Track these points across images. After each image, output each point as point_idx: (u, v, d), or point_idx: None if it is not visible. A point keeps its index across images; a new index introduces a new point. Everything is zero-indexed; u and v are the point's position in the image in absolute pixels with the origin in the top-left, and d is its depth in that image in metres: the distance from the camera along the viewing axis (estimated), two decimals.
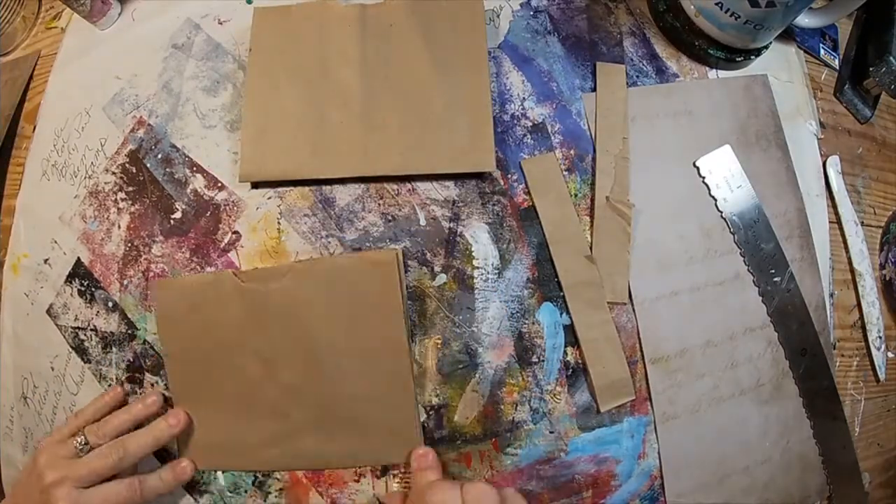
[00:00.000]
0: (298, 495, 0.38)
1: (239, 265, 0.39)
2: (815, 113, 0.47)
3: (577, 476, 0.38)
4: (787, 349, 0.42)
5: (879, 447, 0.46)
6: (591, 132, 0.42)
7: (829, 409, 0.42)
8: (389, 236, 0.39)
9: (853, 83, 0.49)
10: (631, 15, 0.45)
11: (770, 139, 0.44)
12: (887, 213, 0.49)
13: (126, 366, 0.40)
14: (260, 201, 0.40)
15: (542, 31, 0.43)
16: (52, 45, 0.47)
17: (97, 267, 0.41)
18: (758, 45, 0.43)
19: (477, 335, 0.38)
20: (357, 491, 0.38)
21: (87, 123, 0.43)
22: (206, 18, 0.44)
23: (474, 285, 0.39)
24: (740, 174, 0.42)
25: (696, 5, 0.42)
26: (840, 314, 0.45)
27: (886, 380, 0.46)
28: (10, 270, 0.43)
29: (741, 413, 0.40)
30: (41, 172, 0.44)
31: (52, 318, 0.41)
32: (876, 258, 0.47)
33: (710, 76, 0.44)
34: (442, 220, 0.39)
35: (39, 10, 0.49)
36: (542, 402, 0.38)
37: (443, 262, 0.39)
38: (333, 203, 0.40)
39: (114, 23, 0.45)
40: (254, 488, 0.39)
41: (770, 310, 0.41)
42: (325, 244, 0.39)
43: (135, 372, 0.40)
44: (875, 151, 0.50)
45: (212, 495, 0.39)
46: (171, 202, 0.40)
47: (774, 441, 0.41)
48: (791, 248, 0.42)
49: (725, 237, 0.42)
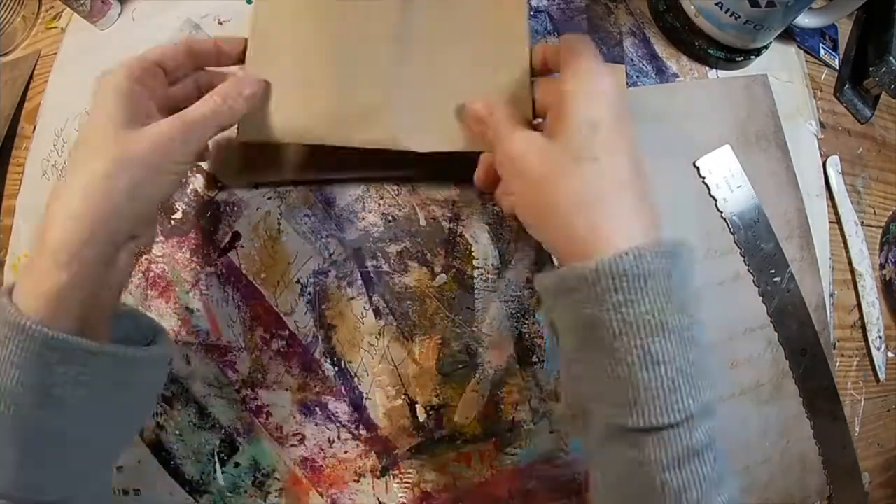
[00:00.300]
0: (298, 495, 0.39)
1: (239, 265, 0.39)
2: (815, 113, 0.47)
3: (578, 476, 0.38)
4: (787, 349, 0.42)
5: (879, 447, 0.46)
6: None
7: (829, 409, 0.42)
8: (389, 236, 0.39)
9: (853, 83, 0.49)
10: (631, 15, 0.45)
11: (770, 139, 0.44)
12: (887, 213, 0.49)
13: None
14: (260, 201, 0.40)
15: (542, 31, 0.43)
16: (52, 45, 0.47)
17: None
18: (758, 45, 0.43)
19: (477, 335, 0.38)
20: (357, 491, 0.38)
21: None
22: (206, 18, 0.44)
23: (474, 285, 0.39)
24: (740, 174, 0.42)
25: (696, 5, 0.42)
26: (840, 314, 0.45)
27: (886, 380, 0.46)
28: (10, 270, 0.43)
29: (741, 413, 0.40)
30: (41, 172, 0.44)
31: None
32: (876, 258, 0.47)
33: (710, 76, 0.44)
34: (442, 220, 0.39)
35: (39, 10, 0.49)
36: (542, 402, 0.38)
37: (443, 262, 0.39)
38: (333, 203, 0.40)
39: (114, 23, 0.45)
40: (253, 488, 0.39)
41: (770, 310, 0.41)
42: (325, 244, 0.39)
43: None
44: (875, 151, 0.50)
45: (212, 495, 0.39)
46: (171, 202, 0.40)
47: (774, 441, 0.41)
48: (791, 248, 0.42)
49: (725, 237, 0.42)
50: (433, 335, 0.38)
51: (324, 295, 0.39)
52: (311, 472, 0.38)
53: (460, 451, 0.38)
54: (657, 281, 0.21)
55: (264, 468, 0.39)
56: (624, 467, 0.21)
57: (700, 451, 0.20)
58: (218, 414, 0.39)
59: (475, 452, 0.38)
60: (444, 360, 0.38)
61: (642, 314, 0.20)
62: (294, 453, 0.39)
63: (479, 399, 0.38)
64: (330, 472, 0.38)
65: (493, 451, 0.38)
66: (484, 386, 0.38)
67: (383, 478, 0.38)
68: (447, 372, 0.38)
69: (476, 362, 0.38)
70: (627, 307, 0.20)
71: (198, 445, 0.40)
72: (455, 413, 0.38)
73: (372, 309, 0.39)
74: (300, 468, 0.39)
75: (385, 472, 0.38)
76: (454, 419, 0.38)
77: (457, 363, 0.38)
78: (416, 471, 0.38)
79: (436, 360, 0.38)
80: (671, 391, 0.20)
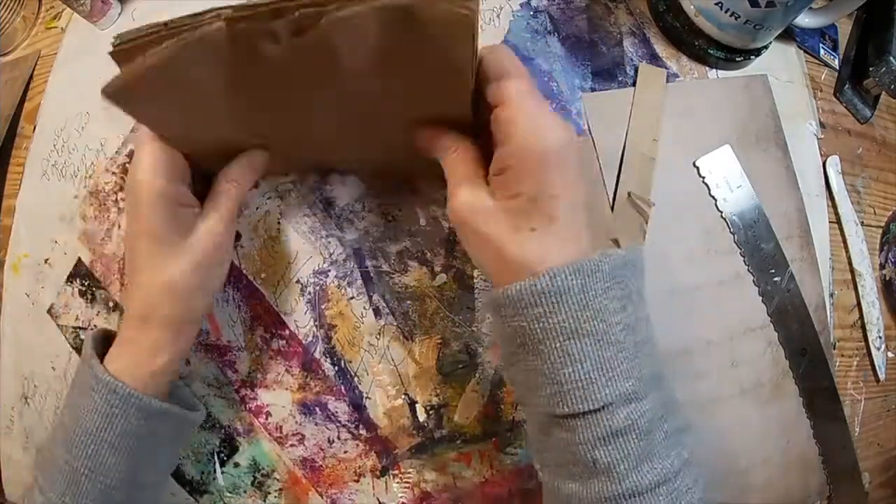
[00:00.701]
0: (298, 495, 0.39)
1: (239, 265, 0.39)
2: (815, 113, 0.47)
3: None
4: (787, 349, 0.42)
5: (879, 447, 0.46)
6: (590, 132, 0.42)
7: (829, 409, 0.42)
8: (389, 236, 0.39)
9: (853, 83, 0.49)
10: (631, 15, 0.45)
11: (770, 139, 0.44)
12: (887, 213, 0.49)
13: None
14: (260, 201, 0.40)
15: (542, 30, 0.43)
16: (52, 45, 0.47)
17: (98, 267, 0.41)
18: (758, 45, 0.43)
19: (477, 335, 0.38)
20: (357, 491, 0.38)
21: (87, 123, 0.43)
22: None
23: (474, 285, 0.39)
24: (740, 174, 0.42)
25: (696, 5, 0.42)
26: (840, 314, 0.45)
27: (886, 380, 0.46)
28: (10, 270, 0.43)
29: (741, 413, 0.40)
30: (41, 172, 0.44)
31: (53, 318, 0.42)
32: (876, 258, 0.47)
33: (710, 76, 0.44)
34: (442, 219, 0.39)
35: (39, 10, 0.49)
36: None
37: (443, 261, 0.39)
38: (333, 203, 0.40)
39: (114, 23, 0.45)
40: (253, 488, 0.39)
41: (770, 310, 0.41)
42: (325, 244, 0.39)
43: None
44: (875, 151, 0.50)
45: (212, 495, 0.39)
46: None
47: (774, 441, 0.41)
48: (791, 248, 0.42)
49: (725, 237, 0.42)
50: (433, 335, 0.38)
51: (324, 295, 0.39)
52: (311, 472, 0.38)
53: (460, 451, 0.38)
54: (571, 295, 0.24)
55: (264, 468, 0.39)
56: (562, 449, 0.25)
57: (623, 431, 0.24)
58: (218, 414, 0.39)
59: (475, 452, 0.38)
60: (444, 360, 0.38)
61: (559, 322, 0.24)
62: (294, 453, 0.39)
63: (479, 399, 0.38)
64: (330, 472, 0.38)
65: (493, 451, 0.38)
66: (484, 386, 0.38)
67: (383, 478, 0.38)
68: (447, 372, 0.38)
69: (476, 362, 0.38)
70: (546, 318, 0.24)
71: (198, 445, 0.40)
72: (455, 413, 0.38)
73: (372, 309, 0.39)
74: (300, 468, 0.39)
75: (385, 472, 0.38)
76: (454, 419, 0.38)
77: (457, 363, 0.38)
78: (416, 471, 0.38)
79: (436, 360, 0.38)
80: (588, 383, 0.24)
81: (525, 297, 0.24)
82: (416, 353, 0.38)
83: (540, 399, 0.25)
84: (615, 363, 0.24)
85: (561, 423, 0.25)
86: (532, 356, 0.25)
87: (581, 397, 0.24)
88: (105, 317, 0.40)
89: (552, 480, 0.27)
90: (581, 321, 0.24)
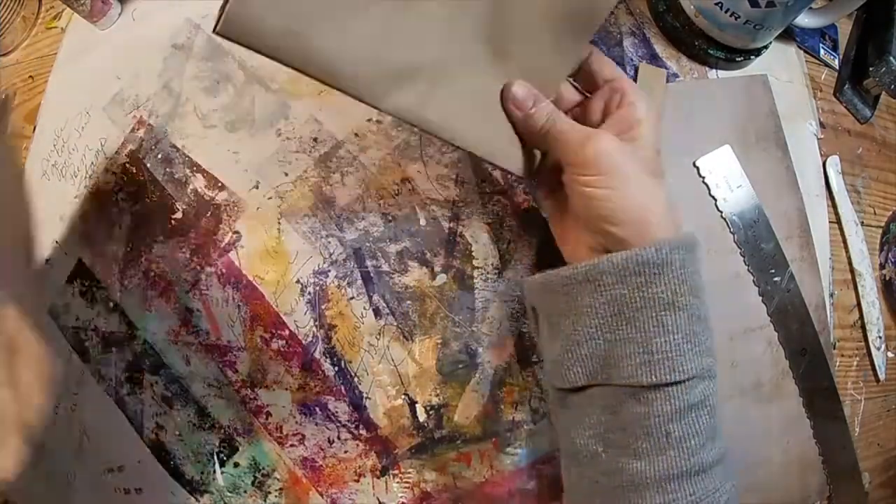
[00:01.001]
0: (298, 495, 0.39)
1: (239, 265, 0.39)
2: (815, 113, 0.47)
3: None
4: (787, 349, 0.42)
5: (879, 447, 0.46)
6: None
7: (829, 409, 0.42)
8: (389, 236, 0.39)
9: (853, 83, 0.49)
10: (631, 15, 0.45)
11: (770, 139, 0.44)
12: (887, 213, 0.49)
13: (126, 366, 0.40)
14: (260, 201, 0.40)
15: None
16: (52, 45, 0.47)
17: (98, 267, 0.41)
18: (758, 45, 0.43)
19: (477, 335, 0.38)
20: (357, 491, 0.38)
21: (87, 123, 0.43)
22: (206, 18, 0.44)
23: (474, 285, 0.39)
24: (740, 174, 0.42)
25: (696, 5, 0.42)
26: (840, 314, 0.45)
27: (886, 380, 0.46)
28: None
29: (741, 413, 0.40)
30: (41, 172, 0.44)
31: (54, 318, 0.42)
32: (876, 258, 0.47)
33: (710, 76, 0.44)
34: (442, 220, 0.39)
35: (39, 10, 0.49)
36: (542, 402, 0.38)
37: (443, 262, 0.39)
38: (333, 203, 0.40)
39: (114, 23, 0.45)
40: (253, 488, 0.39)
41: (770, 310, 0.41)
42: (325, 244, 0.39)
43: (134, 372, 0.40)
44: (875, 151, 0.50)
45: (212, 495, 0.39)
46: (172, 202, 0.40)
47: (774, 441, 0.41)
48: (791, 248, 0.42)
49: (725, 237, 0.42)
50: (433, 335, 0.38)
51: (324, 295, 0.39)
52: (311, 471, 0.38)
53: (460, 451, 0.38)
54: (672, 268, 0.25)
55: (264, 468, 0.39)
56: (632, 425, 0.26)
57: (696, 406, 0.25)
58: (218, 414, 0.39)
59: (475, 452, 0.38)
60: (444, 360, 0.38)
61: (658, 293, 0.25)
62: (294, 453, 0.39)
63: (479, 399, 0.38)
64: (330, 472, 0.38)
65: (493, 451, 0.38)
66: (484, 386, 0.38)
67: (383, 478, 0.38)
68: (447, 372, 0.38)
69: (476, 362, 0.38)
70: (647, 287, 0.25)
71: (198, 445, 0.40)
72: (455, 413, 0.38)
73: (372, 309, 0.39)
74: (300, 468, 0.39)
75: (385, 471, 0.38)
76: (454, 419, 0.38)
77: (457, 363, 0.38)
78: (416, 471, 0.38)
79: (436, 360, 0.38)
80: (678, 354, 0.25)
81: (630, 265, 0.25)
82: (415, 353, 0.38)
83: (624, 371, 0.26)
84: (701, 338, 0.26)
85: (639, 396, 0.26)
86: (625, 324, 0.26)
87: (670, 367, 0.25)
88: (105, 317, 0.40)
89: (613, 461, 0.27)
90: (678, 294, 0.25)
